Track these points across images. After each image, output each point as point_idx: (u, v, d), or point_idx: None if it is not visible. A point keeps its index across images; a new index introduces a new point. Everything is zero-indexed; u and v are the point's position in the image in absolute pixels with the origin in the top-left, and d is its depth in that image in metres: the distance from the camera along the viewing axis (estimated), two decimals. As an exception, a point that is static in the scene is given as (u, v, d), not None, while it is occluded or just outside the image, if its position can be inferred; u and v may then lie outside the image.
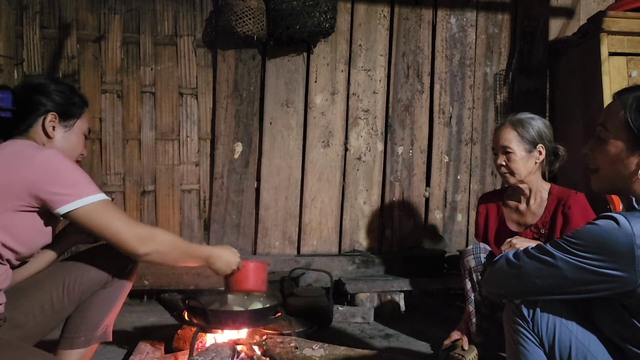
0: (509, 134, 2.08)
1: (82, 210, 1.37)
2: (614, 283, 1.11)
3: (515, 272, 1.23)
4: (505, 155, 2.08)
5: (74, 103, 1.56)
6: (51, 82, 1.56)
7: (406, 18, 3.16)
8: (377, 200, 3.18)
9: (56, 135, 1.51)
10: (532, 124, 2.08)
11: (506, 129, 2.09)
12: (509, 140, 2.07)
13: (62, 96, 1.53)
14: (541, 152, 2.08)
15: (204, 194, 3.03)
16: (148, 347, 2.03)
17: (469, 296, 2.09)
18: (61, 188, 1.35)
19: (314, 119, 3.08)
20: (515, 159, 2.07)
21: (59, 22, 2.84)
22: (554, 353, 1.23)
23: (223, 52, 2.98)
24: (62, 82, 1.61)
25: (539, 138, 2.07)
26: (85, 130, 1.60)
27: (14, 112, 1.46)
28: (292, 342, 1.91)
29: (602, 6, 3.10)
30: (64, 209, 1.35)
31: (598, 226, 1.11)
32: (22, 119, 1.49)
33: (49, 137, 1.50)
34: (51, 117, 1.49)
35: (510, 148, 2.06)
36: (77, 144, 1.57)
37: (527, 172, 2.08)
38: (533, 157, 2.08)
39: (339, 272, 2.97)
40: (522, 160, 2.07)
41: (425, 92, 3.21)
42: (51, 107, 1.50)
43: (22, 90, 1.50)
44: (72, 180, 1.37)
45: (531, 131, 2.07)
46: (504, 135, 2.09)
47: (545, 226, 2.08)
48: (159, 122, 2.96)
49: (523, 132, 2.06)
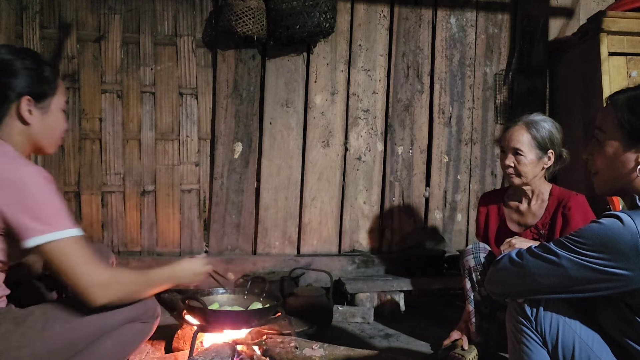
0: (522, 135, 2.03)
1: (49, 246, 1.26)
2: (618, 282, 1.11)
3: (519, 271, 1.23)
4: (515, 156, 2.04)
5: (46, 79, 1.39)
6: (15, 56, 1.36)
7: (406, 18, 3.16)
8: (377, 200, 3.18)
9: (33, 120, 1.37)
10: (546, 128, 2.03)
11: (520, 130, 2.05)
12: (521, 143, 2.03)
13: (32, 74, 1.36)
14: (550, 157, 2.05)
15: (204, 194, 3.03)
16: (148, 347, 2.03)
17: (468, 296, 2.09)
18: (30, 218, 1.23)
19: (313, 119, 3.08)
20: (524, 162, 2.03)
21: (59, 22, 2.84)
22: (557, 352, 1.23)
23: (223, 52, 2.98)
24: (27, 51, 1.42)
25: (551, 143, 2.04)
26: (63, 106, 1.46)
27: None
28: (292, 342, 1.91)
29: (601, 6, 3.10)
30: (32, 242, 1.25)
31: (602, 225, 1.12)
32: None
33: (26, 123, 1.37)
34: (26, 101, 1.35)
35: (522, 151, 2.02)
36: (57, 124, 1.44)
37: (534, 175, 2.06)
38: (542, 162, 2.05)
39: (338, 272, 2.97)
40: (532, 164, 2.03)
41: (425, 92, 3.21)
42: (23, 89, 1.34)
43: None
44: (44, 211, 1.25)
45: (544, 135, 2.02)
46: (517, 137, 2.04)
47: (545, 227, 2.08)
48: (159, 122, 2.96)
49: (536, 135, 2.02)
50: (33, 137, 1.40)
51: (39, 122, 1.39)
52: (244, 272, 2.87)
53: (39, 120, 1.39)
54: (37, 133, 1.39)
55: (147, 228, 2.96)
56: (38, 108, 1.38)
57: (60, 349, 1.34)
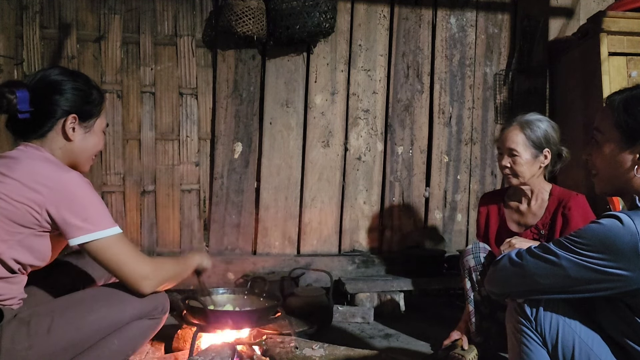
0: (516, 136, 2.04)
1: (94, 245, 1.38)
2: (618, 282, 1.11)
3: (519, 271, 1.24)
4: (510, 157, 2.05)
5: (93, 101, 1.51)
6: (68, 78, 1.48)
7: (406, 18, 3.16)
8: (377, 200, 3.18)
9: (76, 137, 1.48)
10: (541, 127, 2.03)
11: (514, 130, 2.05)
12: (515, 143, 2.03)
13: (81, 95, 1.48)
14: (547, 156, 2.05)
15: (204, 194, 3.03)
16: (148, 347, 2.03)
17: (468, 296, 2.09)
18: (77, 219, 1.35)
19: (313, 119, 3.08)
20: (520, 162, 2.03)
21: (59, 22, 2.83)
22: (557, 352, 1.23)
23: (223, 52, 2.98)
24: (78, 74, 1.54)
25: (546, 142, 2.04)
26: (104, 127, 1.57)
27: (31, 112, 1.42)
28: (292, 342, 1.91)
29: (601, 6, 3.10)
30: (77, 240, 1.36)
31: (602, 225, 1.12)
32: (40, 122, 1.44)
33: (69, 139, 1.47)
34: (71, 119, 1.45)
35: (517, 151, 2.03)
36: (96, 143, 1.54)
37: (531, 175, 2.06)
38: (538, 161, 2.05)
39: (339, 272, 2.97)
40: (528, 164, 2.04)
41: (425, 92, 3.21)
42: (70, 108, 1.45)
43: (38, 88, 1.44)
44: (89, 212, 1.37)
45: (539, 135, 2.03)
46: (511, 137, 2.05)
47: (545, 227, 2.08)
48: (159, 122, 2.96)
49: (531, 135, 2.02)
50: (72, 153, 1.50)
51: (81, 139, 1.50)
52: (244, 272, 2.87)
53: (81, 138, 1.50)
54: (77, 150, 1.49)
55: (147, 228, 2.96)
56: (82, 127, 1.49)
57: (66, 349, 1.38)
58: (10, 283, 1.39)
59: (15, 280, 1.40)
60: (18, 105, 1.39)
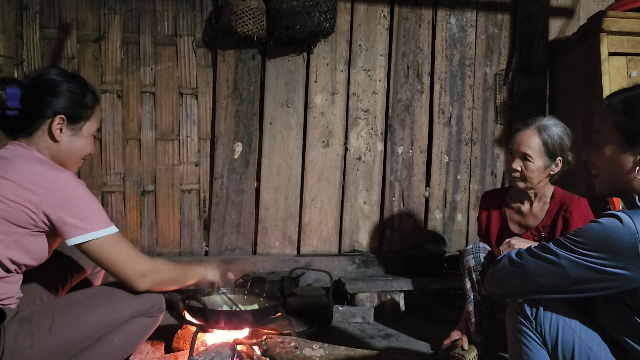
0: (533, 141, 2.00)
1: (92, 244, 1.39)
2: (618, 281, 1.11)
3: (518, 271, 1.24)
4: (523, 161, 2.01)
5: (85, 104, 1.50)
6: (64, 79, 1.48)
7: (406, 18, 3.16)
8: (377, 200, 3.18)
9: (62, 138, 1.47)
10: (557, 134, 2.00)
11: (531, 135, 2.01)
12: (531, 149, 1.99)
13: (73, 97, 1.47)
14: (558, 165, 2.03)
15: (204, 194, 3.03)
16: (148, 347, 2.02)
17: (468, 296, 2.09)
18: (74, 219, 1.36)
19: (313, 119, 3.08)
20: (532, 168, 2.00)
21: (59, 22, 2.83)
22: (557, 352, 1.24)
23: (223, 52, 2.98)
24: (75, 77, 1.54)
25: (560, 150, 2.01)
26: (94, 132, 1.56)
27: (21, 110, 1.42)
28: (292, 342, 1.91)
29: (602, 6, 3.10)
30: (75, 240, 1.37)
31: (601, 224, 1.12)
32: (28, 121, 1.44)
33: (55, 140, 1.46)
34: (59, 120, 1.45)
35: (531, 157, 1.99)
36: (83, 146, 1.53)
37: (539, 181, 2.04)
38: (549, 169, 2.03)
39: (339, 272, 2.97)
40: (539, 170, 2.01)
41: (425, 92, 3.21)
42: (60, 109, 1.45)
43: (33, 87, 1.44)
44: (85, 212, 1.38)
45: (555, 142, 1.99)
46: (527, 141, 2.00)
47: (546, 229, 2.07)
48: (159, 122, 2.96)
49: (547, 140, 1.98)
50: (59, 154, 1.49)
51: (68, 141, 1.49)
52: (244, 272, 2.86)
53: (68, 140, 1.49)
54: (64, 151, 1.49)
55: (147, 228, 2.96)
56: (70, 129, 1.48)
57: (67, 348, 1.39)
58: (7, 282, 1.40)
59: (11, 279, 1.41)
60: (7, 102, 1.39)
